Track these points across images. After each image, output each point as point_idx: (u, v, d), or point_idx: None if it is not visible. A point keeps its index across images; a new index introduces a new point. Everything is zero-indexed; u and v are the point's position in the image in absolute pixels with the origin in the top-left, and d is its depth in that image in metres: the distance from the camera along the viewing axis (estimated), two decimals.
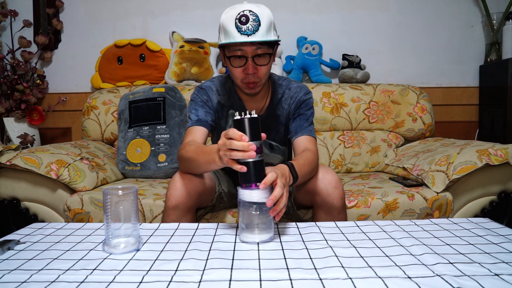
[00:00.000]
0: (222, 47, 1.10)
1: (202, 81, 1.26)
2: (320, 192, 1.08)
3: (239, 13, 1.02)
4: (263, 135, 0.84)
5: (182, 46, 2.07)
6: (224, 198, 1.25)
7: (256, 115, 0.82)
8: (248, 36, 1.03)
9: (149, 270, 0.68)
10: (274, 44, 1.11)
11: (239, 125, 0.81)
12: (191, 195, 1.06)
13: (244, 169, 0.81)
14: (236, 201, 1.24)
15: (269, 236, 0.82)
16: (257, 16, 1.03)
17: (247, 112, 0.83)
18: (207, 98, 1.22)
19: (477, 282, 0.61)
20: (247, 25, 1.02)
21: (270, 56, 1.10)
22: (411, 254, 0.74)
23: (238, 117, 0.82)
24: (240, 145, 0.79)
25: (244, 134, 0.80)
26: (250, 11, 1.03)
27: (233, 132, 0.80)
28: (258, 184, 0.81)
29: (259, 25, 1.03)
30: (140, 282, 0.63)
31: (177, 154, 1.12)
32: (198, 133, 1.15)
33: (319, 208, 1.11)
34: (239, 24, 1.02)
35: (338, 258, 0.71)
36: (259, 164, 0.82)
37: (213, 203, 1.21)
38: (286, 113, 1.24)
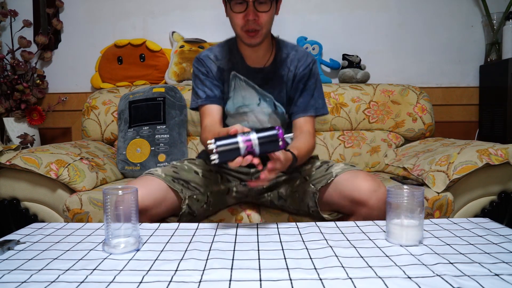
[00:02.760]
0: None
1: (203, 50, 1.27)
2: (371, 206, 1.01)
3: None
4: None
5: (182, 46, 2.07)
6: (207, 201, 1.17)
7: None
8: None
9: (149, 270, 0.68)
10: None
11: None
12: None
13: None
14: (229, 200, 1.21)
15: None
16: None
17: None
18: (206, 70, 1.20)
19: (477, 282, 0.61)
20: None
21: (271, 2, 1.08)
22: (411, 254, 0.74)
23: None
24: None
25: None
26: None
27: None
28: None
29: None
30: (140, 282, 0.63)
31: (200, 139, 1.13)
32: (213, 112, 1.14)
33: (361, 218, 1.03)
34: None
35: (338, 258, 0.71)
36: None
37: (185, 210, 1.12)
38: (292, 75, 1.20)
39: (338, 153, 1.87)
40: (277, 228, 0.92)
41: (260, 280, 0.63)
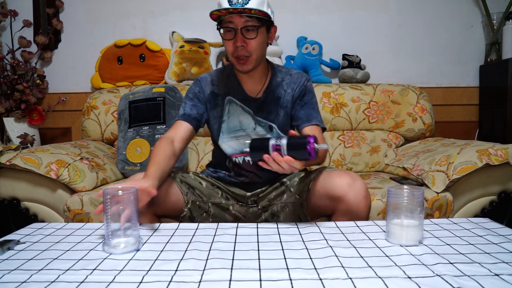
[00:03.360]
0: (219, 23, 1.12)
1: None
2: (347, 200, 1.02)
3: None
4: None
5: (182, 46, 2.07)
6: (208, 210, 1.19)
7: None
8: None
9: (149, 270, 0.68)
10: (265, 21, 1.10)
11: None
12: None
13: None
14: (228, 217, 1.23)
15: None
16: None
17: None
18: (199, 90, 1.23)
19: (477, 282, 0.61)
20: None
21: (258, 29, 1.08)
22: (411, 254, 0.74)
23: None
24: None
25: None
26: None
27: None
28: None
29: None
30: (140, 282, 0.63)
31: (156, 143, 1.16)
32: (180, 128, 1.18)
33: (341, 215, 1.05)
34: None
35: (338, 258, 0.71)
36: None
37: (186, 214, 1.13)
38: (290, 97, 1.22)
39: (338, 153, 1.87)
40: (277, 228, 0.92)
41: (260, 280, 0.63)
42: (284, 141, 0.89)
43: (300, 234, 0.87)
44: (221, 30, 1.11)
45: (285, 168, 0.90)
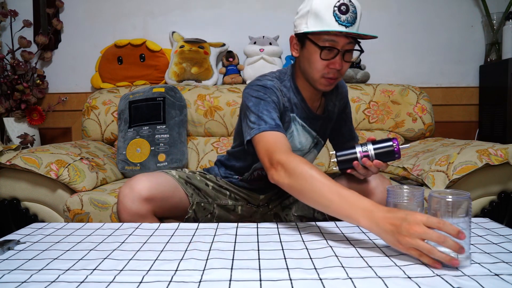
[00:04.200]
0: (305, 35, 1.00)
1: (259, 77, 1.09)
2: (377, 193, 1.04)
3: (338, 1, 0.94)
4: None
5: (182, 46, 2.07)
6: (213, 211, 1.18)
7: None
8: (346, 27, 0.94)
9: (149, 270, 0.68)
10: (358, 42, 1.02)
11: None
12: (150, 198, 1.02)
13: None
14: (233, 218, 1.21)
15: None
16: (355, 7, 0.95)
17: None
18: (277, 100, 1.04)
19: (477, 282, 0.61)
20: (347, 15, 0.94)
21: (355, 52, 1.02)
22: None
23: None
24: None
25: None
26: (349, 0, 0.95)
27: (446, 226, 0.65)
28: None
29: (356, 17, 0.96)
30: (140, 282, 0.63)
31: (289, 164, 0.87)
32: (285, 139, 0.97)
33: None
34: (338, 13, 0.93)
35: (338, 258, 0.71)
36: None
37: (191, 215, 1.13)
38: (337, 110, 1.18)
39: None
40: (277, 228, 0.92)
41: (260, 280, 0.63)
42: (370, 146, 0.94)
43: (300, 234, 0.87)
44: (318, 47, 0.98)
45: (374, 171, 0.94)
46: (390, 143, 0.94)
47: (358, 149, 0.95)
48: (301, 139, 1.13)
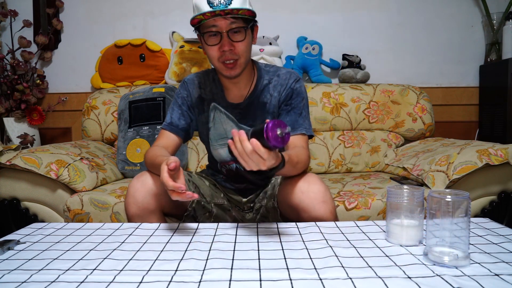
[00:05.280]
0: (198, 28, 1.05)
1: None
2: (305, 208, 0.97)
3: None
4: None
5: (182, 46, 2.07)
6: (211, 210, 1.19)
7: None
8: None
9: (149, 270, 0.68)
10: (251, 21, 1.04)
11: None
12: (152, 197, 1.03)
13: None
14: (229, 219, 1.22)
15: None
16: None
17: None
18: (187, 94, 1.19)
19: (477, 282, 0.61)
20: None
21: (246, 30, 1.03)
22: (411, 254, 0.74)
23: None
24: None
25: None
26: None
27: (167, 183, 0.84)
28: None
29: None
30: (140, 282, 0.63)
31: (147, 152, 1.10)
32: (168, 140, 1.15)
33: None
34: None
35: (338, 258, 0.71)
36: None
37: (190, 212, 1.15)
38: (276, 101, 1.15)
39: (338, 153, 1.87)
40: (277, 228, 0.92)
41: (260, 280, 0.63)
42: (247, 129, 0.82)
43: (300, 234, 0.87)
44: (204, 36, 1.03)
45: (254, 160, 0.78)
46: (263, 125, 0.77)
47: (235, 131, 0.82)
48: (226, 127, 1.17)
